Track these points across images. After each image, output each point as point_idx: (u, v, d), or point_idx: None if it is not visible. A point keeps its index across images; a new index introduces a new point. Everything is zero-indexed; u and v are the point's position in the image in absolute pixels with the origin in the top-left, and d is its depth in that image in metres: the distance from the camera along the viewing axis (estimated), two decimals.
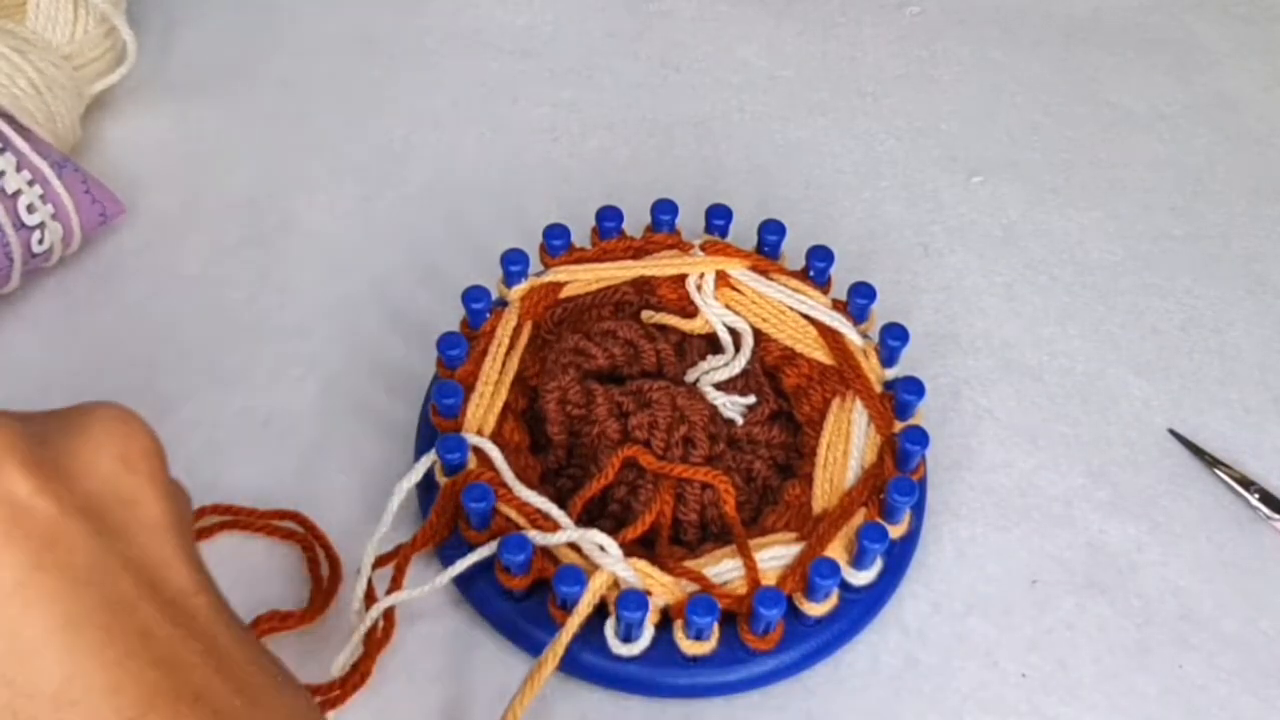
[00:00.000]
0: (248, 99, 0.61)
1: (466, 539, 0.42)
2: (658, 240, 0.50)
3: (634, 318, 0.49)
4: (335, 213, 0.56)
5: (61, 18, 0.55)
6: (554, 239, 0.49)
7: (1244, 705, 0.43)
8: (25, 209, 0.48)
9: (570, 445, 0.45)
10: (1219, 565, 0.47)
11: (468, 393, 0.44)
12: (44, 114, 0.53)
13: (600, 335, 0.47)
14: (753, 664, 0.41)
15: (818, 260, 0.49)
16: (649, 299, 0.49)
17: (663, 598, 0.40)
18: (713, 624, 0.39)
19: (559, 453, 0.45)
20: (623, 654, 0.40)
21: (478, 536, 0.41)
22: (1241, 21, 0.70)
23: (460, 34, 0.65)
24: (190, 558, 0.25)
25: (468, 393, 0.44)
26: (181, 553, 0.25)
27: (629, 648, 0.40)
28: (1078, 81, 0.66)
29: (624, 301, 0.49)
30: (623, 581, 0.40)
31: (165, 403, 0.48)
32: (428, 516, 0.42)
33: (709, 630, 0.40)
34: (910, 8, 0.69)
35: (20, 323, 0.51)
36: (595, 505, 0.44)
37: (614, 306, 0.49)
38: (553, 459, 0.45)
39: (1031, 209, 0.59)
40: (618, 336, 0.47)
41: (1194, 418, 0.52)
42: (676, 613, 0.40)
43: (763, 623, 0.40)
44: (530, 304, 0.47)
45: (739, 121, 0.62)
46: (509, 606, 0.42)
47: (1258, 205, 0.61)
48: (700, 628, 0.39)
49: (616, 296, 0.49)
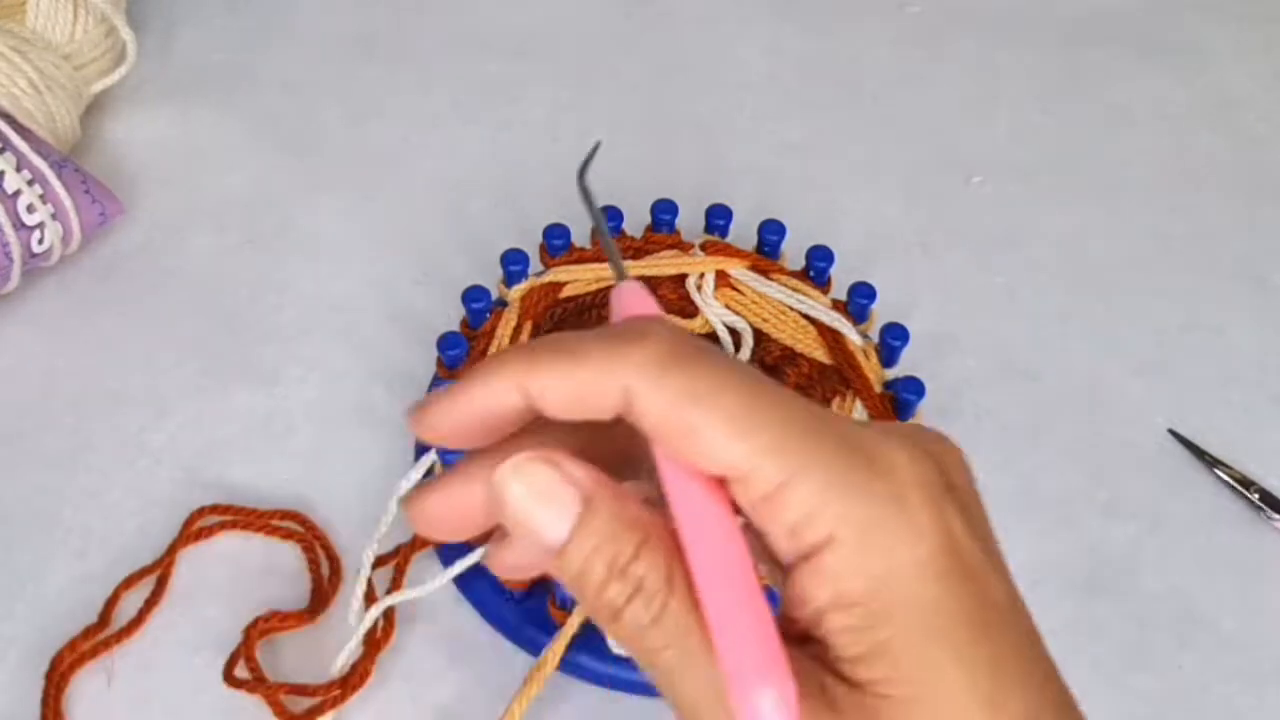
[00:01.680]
0: (248, 99, 0.61)
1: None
2: (658, 240, 0.50)
3: None
4: (335, 213, 0.56)
5: (61, 18, 0.55)
6: (554, 239, 0.49)
7: (1244, 705, 0.43)
8: (25, 209, 0.48)
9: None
10: (1219, 565, 0.47)
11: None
12: (44, 114, 0.53)
13: None
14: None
15: (818, 260, 0.49)
16: None
17: None
18: None
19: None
20: (623, 654, 0.40)
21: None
22: (1241, 21, 0.70)
23: (460, 34, 0.65)
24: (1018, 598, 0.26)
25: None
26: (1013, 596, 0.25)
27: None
28: (1078, 81, 0.66)
29: None
30: None
31: (165, 403, 0.48)
32: None
33: None
34: (910, 8, 0.69)
35: (20, 323, 0.51)
36: None
37: None
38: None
39: (1031, 209, 0.59)
40: None
41: (1194, 418, 0.52)
42: None
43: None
44: (530, 304, 0.47)
45: (739, 121, 0.62)
46: (509, 607, 0.42)
47: (1258, 205, 0.61)
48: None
49: None
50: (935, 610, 0.22)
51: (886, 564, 0.22)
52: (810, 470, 0.22)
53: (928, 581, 0.22)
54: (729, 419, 0.22)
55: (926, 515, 0.23)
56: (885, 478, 0.23)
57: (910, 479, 0.23)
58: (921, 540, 0.22)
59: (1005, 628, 0.24)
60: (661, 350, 0.23)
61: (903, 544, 0.22)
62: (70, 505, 0.45)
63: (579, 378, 0.23)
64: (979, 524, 0.24)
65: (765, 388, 0.23)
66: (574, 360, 0.23)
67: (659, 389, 0.23)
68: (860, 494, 0.22)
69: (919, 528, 0.22)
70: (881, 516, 0.22)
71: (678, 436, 0.23)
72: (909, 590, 0.22)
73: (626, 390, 0.23)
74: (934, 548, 0.22)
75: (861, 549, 0.22)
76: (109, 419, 0.48)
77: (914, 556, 0.22)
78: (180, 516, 0.45)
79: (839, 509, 0.22)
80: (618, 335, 0.24)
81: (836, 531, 0.22)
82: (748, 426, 0.22)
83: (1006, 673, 0.23)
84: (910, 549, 0.22)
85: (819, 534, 0.22)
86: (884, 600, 0.22)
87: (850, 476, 0.22)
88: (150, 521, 0.45)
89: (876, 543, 0.22)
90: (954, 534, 0.23)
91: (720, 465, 0.23)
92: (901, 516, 0.22)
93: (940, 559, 0.23)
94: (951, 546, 0.23)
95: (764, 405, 0.23)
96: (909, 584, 0.22)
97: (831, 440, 0.23)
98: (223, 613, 0.43)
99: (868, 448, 0.23)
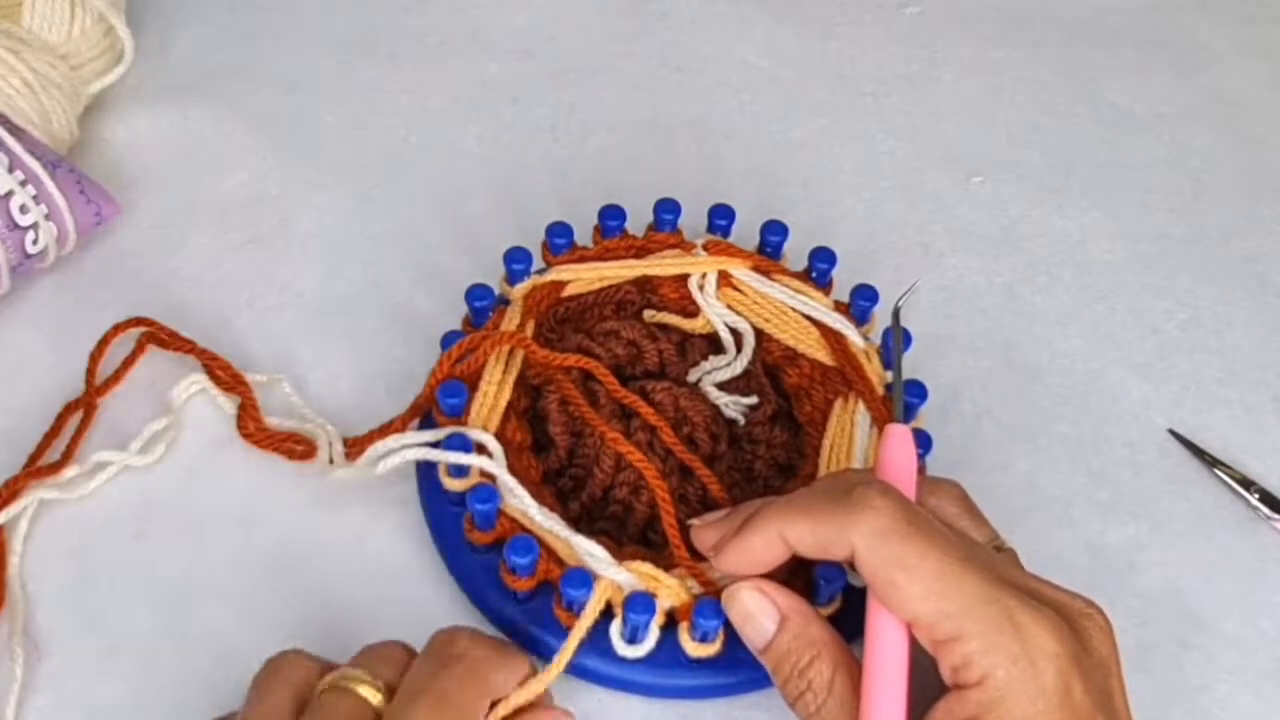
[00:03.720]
0: (248, 99, 0.60)
1: (470, 540, 0.42)
2: (660, 239, 0.50)
3: (636, 317, 0.49)
4: (335, 213, 0.56)
5: (58, 17, 0.55)
6: (557, 237, 0.49)
7: (1244, 705, 0.43)
8: (18, 209, 0.48)
9: (572, 446, 0.45)
10: (1219, 565, 0.47)
11: (471, 391, 0.44)
12: (39, 113, 0.52)
13: (603, 335, 0.47)
14: (756, 666, 0.41)
15: (820, 262, 0.49)
16: (651, 298, 0.49)
17: (669, 600, 0.40)
18: (719, 627, 0.39)
19: (560, 453, 0.45)
20: (628, 656, 0.40)
21: (482, 537, 0.41)
22: (1241, 21, 0.70)
23: (460, 34, 0.65)
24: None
25: (471, 391, 0.44)
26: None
27: (634, 649, 0.40)
28: (1078, 81, 0.66)
29: (626, 301, 0.49)
30: (624, 585, 0.39)
31: (166, 403, 0.48)
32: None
33: (715, 633, 0.39)
34: (910, 8, 0.69)
35: (20, 323, 0.50)
36: (596, 506, 0.44)
37: (616, 306, 0.49)
38: (554, 459, 0.45)
39: (1031, 209, 0.60)
40: (620, 336, 0.47)
41: (1194, 418, 0.52)
42: (683, 614, 0.40)
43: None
44: (533, 302, 0.47)
45: (739, 121, 0.62)
46: (513, 608, 0.42)
47: (1258, 205, 0.61)
48: (706, 630, 0.39)
49: (619, 296, 0.49)
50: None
51: (1011, 709, 0.32)
52: (973, 634, 0.32)
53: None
54: (923, 586, 0.33)
55: (1050, 678, 0.32)
56: (1025, 645, 0.32)
57: (1044, 649, 0.32)
58: (1041, 696, 0.32)
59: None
60: (882, 524, 0.33)
61: (1026, 697, 0.32)
62: None
63: (819, 534, 0.35)
64: (1098, 688, 0.33)
65: (956, 564, 0.33)
66: (817, 519, 0.35)
67: (875, 555, 0.33)
68: (1004, 656, 0.32)
69: (1041, 687, 0.32)
70: (1018, 676, 0.32)
71: (885, 590, 0.33)
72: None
73: (854, 547, 0.34)
74: (1051, 704, 0.32)
75: (997, 697, 0.32)
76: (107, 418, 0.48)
77: (1034, 708, 0.32)
78: None
79: (987, 665, 0.32)
80: (854, 504, 0.34)
81: (983, 679, 0.32)
82: (936, 593, 0.33)
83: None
84: (1031, 702, 0.32)
85: (971, 678, 0.32)
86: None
87: (1000, 641, 0.32)
88: None
89: (1008, 693, 0.32)
90: (1072, 694, 0.32)
91: (909, 615, 0.33)
92: (1031, 678, 0.32)
93: (1054, 713, 0.32)
94: (1068, 704, 0.32)
95: (951, 576, 0.33)
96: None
97: (996, 611, 0.32)
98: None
99: (1018, 619, 0.32)
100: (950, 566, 0.33)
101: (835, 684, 0.35)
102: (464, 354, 0.44)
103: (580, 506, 0.44)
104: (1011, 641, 0.32)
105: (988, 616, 0.32)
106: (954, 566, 0.33)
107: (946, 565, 0.33)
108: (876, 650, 0.34)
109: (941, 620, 0.32)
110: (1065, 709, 0.32)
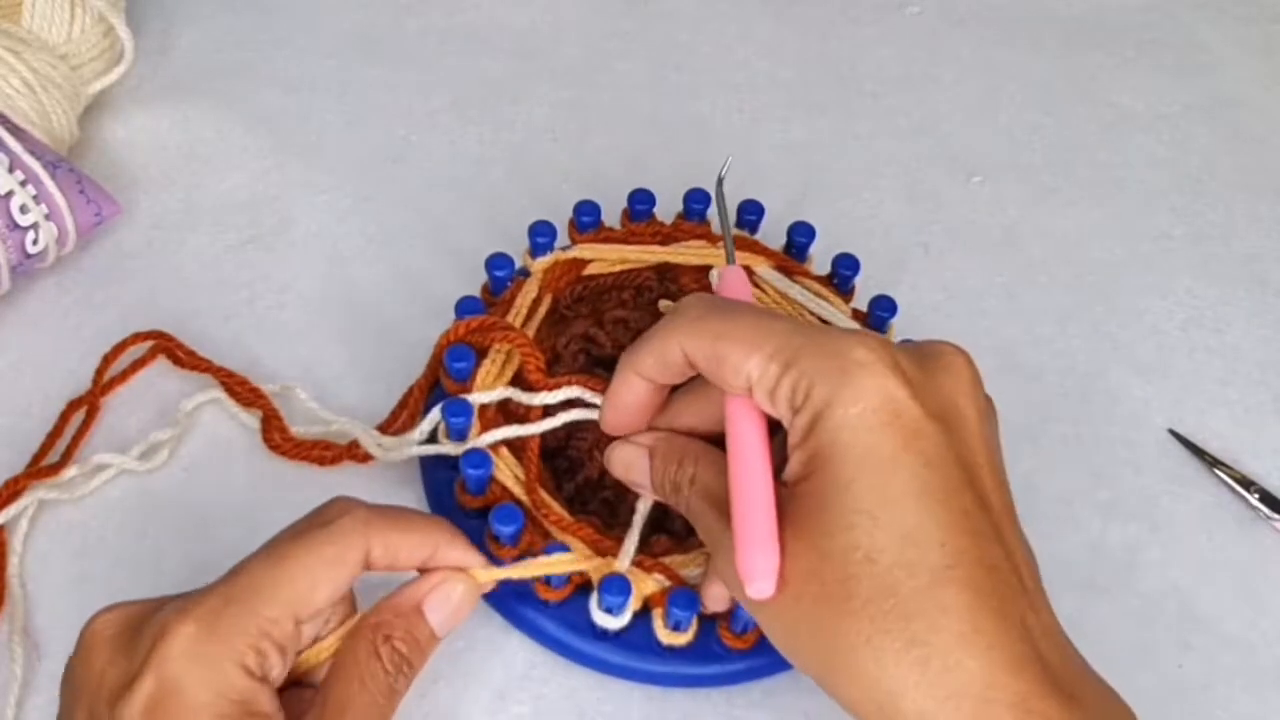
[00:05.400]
0: (248, 99, 0.61)
1: (461, 504, 0.42)
2: (686, 229, 0.49)
3: (652, 304, 0.49)
4: (335, 213, 0.56)
5: (58, 17, 0.55)
6: (584, 215, 0.49)
7: (1244, 705, 0.44)
8: (18, 209, 0.48)
9: (572, 428, 0.45)
10: (1219, 565, 0.47)
11: (479, 358, 0.44)
12: (39, 113, 0.52)
13: (611, 323, 0.48)
14: (732, 660, 0.41)
15: (844, 268, 0.49)
16: (670, 286, 0.49)
17: (640, 587, 0.40)
18: (691, 617, 0.40)
19: (560, 431, 0.45)
20: (606, 626, 0.40)
21: (472, 501, 0.42)
22: (1241, 21, 0.70)
23: (460, 34, 0.65)
24: (993, 464, 0.34)
25: (479, 358, 0.44)
26: (988, 460, 0.34)
27: (612, 620, 0.40)
28: (1078, 81, 0.66)
29: (645, 286, 0.49)
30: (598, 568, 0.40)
31: (166, 402, 0.48)
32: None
33: (687, 623, 0.40)
34: (910, 8, 0.69)
35: (20, 323, 0.50)
36: (588, 491, 0.44)
37: (634, 290, 0.49)
38: (553, 437, 0.45)
39: (1031, 209, 0.60)
40: (629, 326, 0.47)
41: (1194, 418, 0.52)
42: (656, 602, 0.40)
43: (741, 622, 0.40)
44: (553, 277, 0.47)
45: (739, 121, 0.62)
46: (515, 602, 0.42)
47: (1258, 205, 0.61)
48: (679, 620, 0.40)
49: (638, 280, 0.49)
50: (865, 447, 0.32)
51: (834, 415, 0.32)
52: (797, 364, 0.33)
53: (859, 430, 0.32)
54: (743, 344, 0.34)
55: (868, 383, 0.32)
56: (843, 360, 0.33)
57: (860, 360, 0.33)
58: (858, 400, 0.32)
59: (934, 464, 0.32)
60: (695, 312, 0.35)
61: (844, 404, 0.32)
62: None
63: (657, 353, 0.36)
64: (927, 394, 0.33)
65: (770, 319, 0.34)
66: (652, 341, 0.36)
67: (697, 340, 0.35)
68: (825, 374, 0.33)
69: (859, 391, 0.32)
70: (838, 386, 0.32)
71: (715, 366, 0.34)
72: (849, 435, 0.32)
73: (683, 348, 0.35)
74: (870, 406, 0.32)
75: (823, 406, 0.32)
76: (110, 420, 0.48)
77: (853, 411, 0.32)
78: None
79: (813, 383, 0.33)
80: (674, 312, 0.36)
81: (805, 401, 0.33)
82: (754, 344, 0.34)
83: (920, 480, 0.32)
84: (847, 407, 0.32)
85: (800, 400, 0.33)
86: (830, 436, 0.32)
87: (822, 364, 0.33)
88: None
89: (833, 402, 0.32)
90: (895, 398, 0.32)
91: (742, 380, 0.34)
92: (848, 386, 0.32)
93: (876, 414, 0.32)
94: (890, 407, 0.32)
95: (764, 326, 0.34)
96: (849, 431, 0.32)
97: (814, 345, 0.33)
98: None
99: (838, 345, 0.33)
100: (762, 318, 0.34)
101: (697, 476, 0.37)
102: (470, 333, 0.44)
103: (575, 488, 0.44)
104: (834, 362, 0.33)
105: (808, 349, 0.33)
106: (765, 318, 0.35)
107: (759, 319, 0.34)
108: (733, 435, 0.35)
109: (767, 365, 0.33)
110: (886, 411, 0.32)
